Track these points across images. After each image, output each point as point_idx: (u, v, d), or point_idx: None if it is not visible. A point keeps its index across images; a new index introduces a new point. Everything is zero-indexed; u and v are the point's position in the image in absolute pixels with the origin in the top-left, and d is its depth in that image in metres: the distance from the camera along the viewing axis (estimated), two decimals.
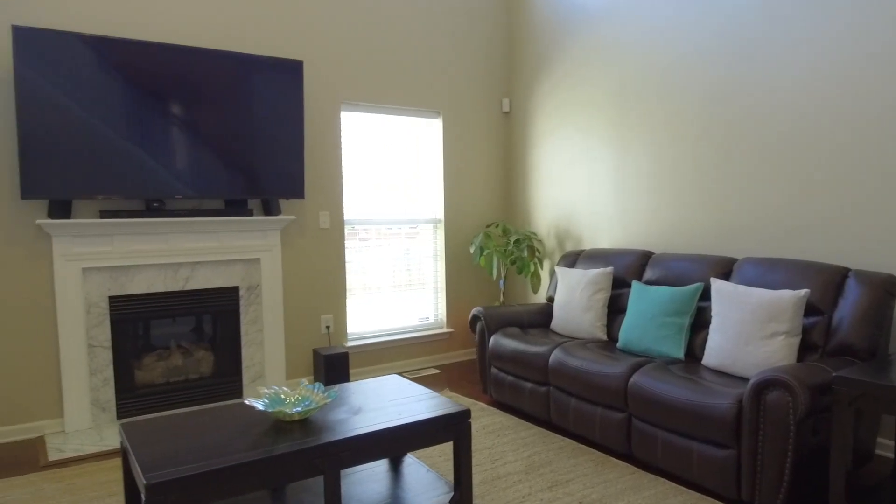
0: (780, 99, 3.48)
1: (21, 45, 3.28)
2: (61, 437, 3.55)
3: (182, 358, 4.12)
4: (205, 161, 3.87)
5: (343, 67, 4.59)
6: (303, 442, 2.17)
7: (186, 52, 3.77)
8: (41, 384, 3.61)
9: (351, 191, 4.74)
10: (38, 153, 3.37)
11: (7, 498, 2.82)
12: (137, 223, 3.73)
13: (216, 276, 4.11)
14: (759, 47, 3.56)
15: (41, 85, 3.36)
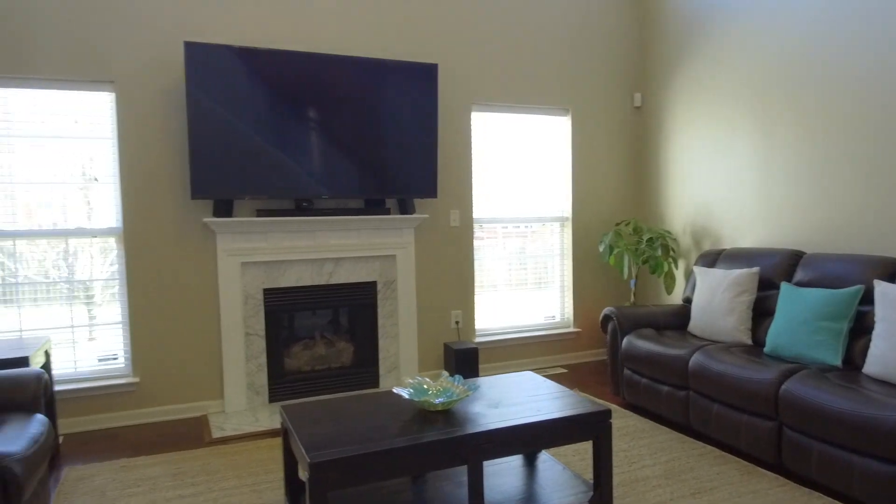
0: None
1: (191, 59, 3.65)
2: (222, 417, 3.91)
3: (325, 348, 4.39)
4: (346, 163, 4.10)
5: (474, 69, 4.68)
6: (448, 431, 2.26)
7: (330, 60, 4.01)
8: (205, 368, 4.00)
9: (480, 189, 4.83)
10: (205, 158, 3.73)
11: (181, 468, 3.15)
12: (289, 221, 4.02)
13: (356, 271, 4.34)
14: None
15: (207, 96, 3.71)
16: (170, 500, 2.80)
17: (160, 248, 3.86)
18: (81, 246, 3.76)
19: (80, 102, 3.69)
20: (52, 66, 3.57)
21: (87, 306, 3.79)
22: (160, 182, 3.83)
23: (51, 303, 3.72)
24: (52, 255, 3.71)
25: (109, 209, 3.80)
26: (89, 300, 3.80)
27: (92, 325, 3.80)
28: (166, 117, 3.82)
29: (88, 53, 3.64)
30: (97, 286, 3.81)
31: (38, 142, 3.62)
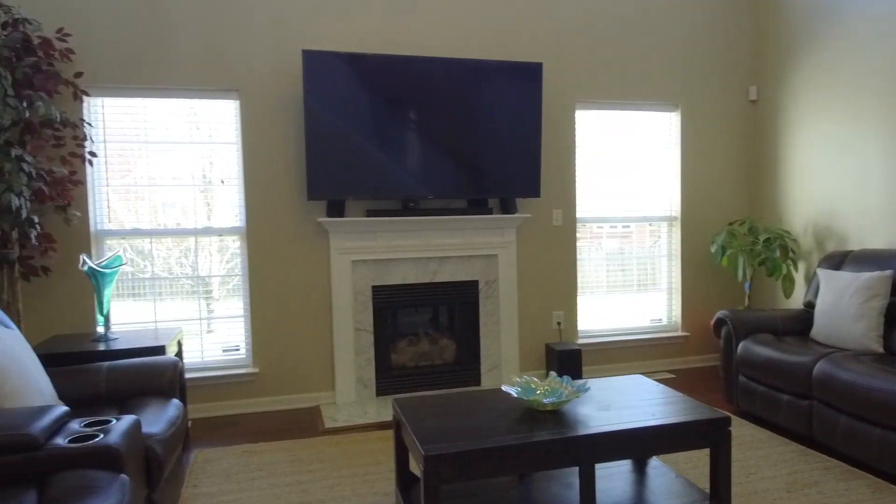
0: None
1: (309, 66, 3.84)
2: (333, 408, 4.08)
3: (429, 344, 4.49)
4: (450, 164, 4.17)
5: (578, 66, 4.62)
6: (560, 432, 2.25)
7: (436, 62, 4.09)
8: (318, 361, 4.19)
9: (583, 189, 4.76)
10: (320, 161, 3.91)
11: (298, 455, 3.32)
12: (395, 221, 4.14)
13: (459, 270, 4.40)
14: None
15: (322, 101, 3.89)
16: (289, 485, 2.96)
17: (278, 247, 4.08)
18: (207, 244, 4.04)
19: (208, 110, 3.98)
20: (184, 77, 3.86)
21: (208, 300, 4.08)
22: (279, 184, 4.05)
23: (180, 297, 4.03)
24: (176, 252, 4.02)
25: (234, 210, 4.06)
26: (210, 294, 4.08)
27: (216, 318, 4.08)
28: (284, 123, 4.04)
29: (216, 65, 3.91)
30: (220, 282, 4.08)
31: (171, 147, 3.93)
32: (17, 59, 3.14)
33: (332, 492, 2.88)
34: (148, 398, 2.78)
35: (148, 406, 2.69)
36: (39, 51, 3.27)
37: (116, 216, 3.89)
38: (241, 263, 4.08)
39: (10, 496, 1.87)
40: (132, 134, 3.86)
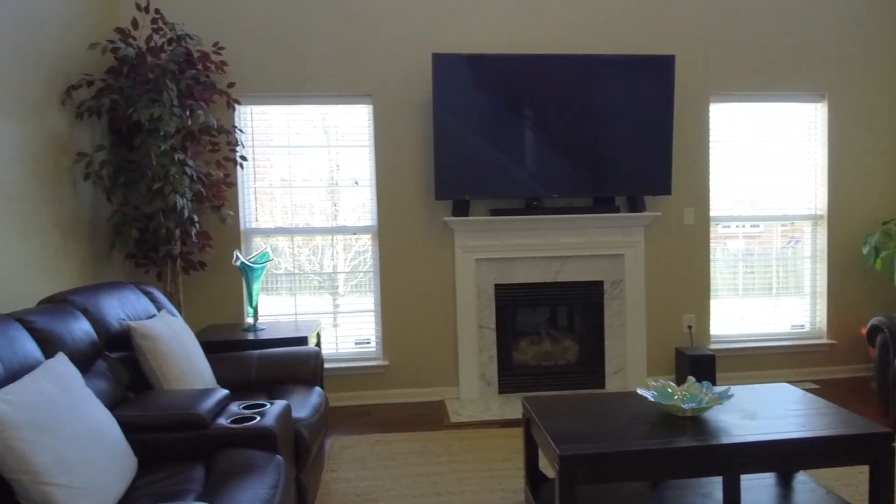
0: None
1: (438, 69, 3.93)
2: (457, 404, 4.16)
3: (551, 344, 4.46)
4: (576, 162, 4.12)
5: (713, 56, 4.40)
6: (702, 439, 2.17)
7: (562, 60, 4.06)
8: (443, 356, 4.29)
9: (717, 186, 4.53)
10: (448, 162, 4.00)
11: (426, 447, 3.42)
12: (519, 220, 4.15)
13: (583, 269, 4.33)
14: None
15: (450, 103, 3.97)
16: (420, 475, 3.06)
17: (406, 245, 4.22)
18: (334, 242, 4.26)
19: (343, 115, 4.18)
20: (322, 85, 4.09)
21: (334, 295, 4.29)
22: (408, 184, 4.19)
23: (308, 291, 4.27)
24: (305, 250, 4.26)
25: (367, 209, 4.25)
26: (336, 290, 4.29)
27: (346, 312, 4.29)
28: (413, 125, 4.17)
29: (352, 72, 4.10)
30: (347, 278, 4.29)
31: (309, 151, 4.18)
32: (180, 72, 3.46)
33: (461, 485, 2.94)
34: (293, 385, 2.98)
35: (293, 393, 2.88)
36: (199, 64, 3.58)
37: (261, 216, 4.19)
38: (372, 261, 4.26)
39: (183, 469, 2.07)
40: (275, 139, 4.14)
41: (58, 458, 1.65)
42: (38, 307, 2.26)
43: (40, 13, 2.98)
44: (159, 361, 2.47)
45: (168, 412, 2.14)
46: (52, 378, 1.82)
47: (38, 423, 1.64)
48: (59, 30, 3.14)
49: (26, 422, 1.62)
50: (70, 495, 1.64)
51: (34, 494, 1.58)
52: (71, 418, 1.77)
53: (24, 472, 1.58)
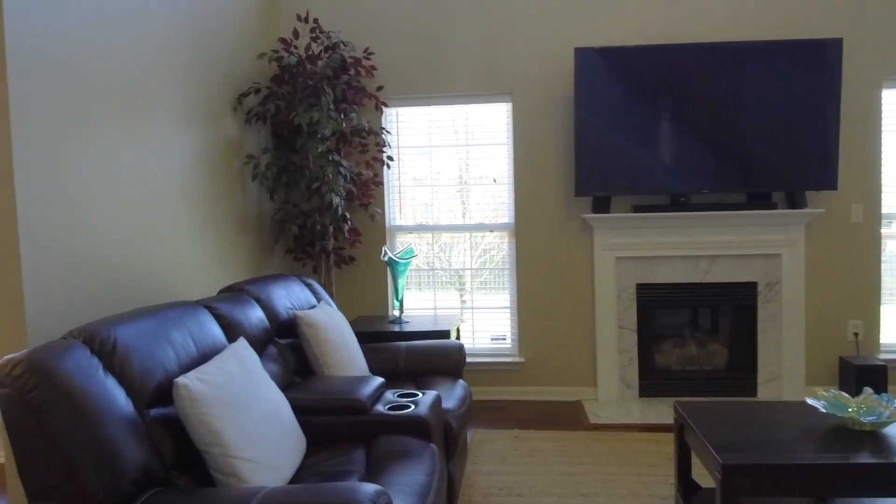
0: None
1: (580, 64, 3.88)
2: (595, 405, 4.09)
3: (696, 348, 4.25)
4: (728, 155, 3.89)
5: (885, 38, 3.98)
6: (884, 456, 1.98)
7: (711, 49, 3.84)
8: (580, 356, 4.23)
9: (891, 180, 4.09)
10: (588, 158, 3.93)
11: (566, 446, 3.40)
12: (664, 217, 3.99)
13: (734, 270, 4.09)
14: None
15: (592, 97, 3.90)
16: (561, 474, 3.04)
17: (544, 242, 4.20)
18: (463, 240, 4.32)
19: (482, 113, 4.24)
20: (464, 85, 4.17)
21: (461, 292, 4.35)
22: (546, 181, 4.17)
23: (446, 287, 4.36)
24: (434, 247, 4.35)
25: (504, 207, 4.28)
26: (463, 287, 4.35)
27: (482, 308, 4.35)
28: (552, 121, 4.14)
29: (492, 71, 4.15)
30: (478, 274, 4.34)
31: (449, 150, 4.28)
32: (335, 78, 3.67)
33: (607, 487, 2.89)
34: (438, 377, 3.07)
35: (439, 384, 2.97)
36: (351, 69, 3.78)
37: (405, 213, 4.35)
38: (509, 258, 4.29)
39: (345, 451, 2.20)
40: (417, 139, 4.28)
41: (243, 434, 1.81)
42: (219, 296, 2.49)
43: (215, 28, 3.28)
44: (321, 349, 2.65)
45: (333, 397, 2.29)
46: (236, 360, 2.00)
47: (227, 401, 1.82)
48: (230, 42, 3.45)
49: (218, 399, 1.80)
50: (253, 469, 1.80)
51: (223, 466, 1.75)
52: (253, 398, 1.94)
53: (215, 445, 1.75)
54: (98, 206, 2.33)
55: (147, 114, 2.65)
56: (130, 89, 2.54)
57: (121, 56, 2.48)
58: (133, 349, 1.78)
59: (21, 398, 1.51)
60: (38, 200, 2.05)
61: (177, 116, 2.88)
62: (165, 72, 2.79)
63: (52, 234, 2.10)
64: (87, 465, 1.51)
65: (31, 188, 2.01)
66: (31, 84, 2.03)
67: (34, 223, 2.02)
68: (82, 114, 2.26)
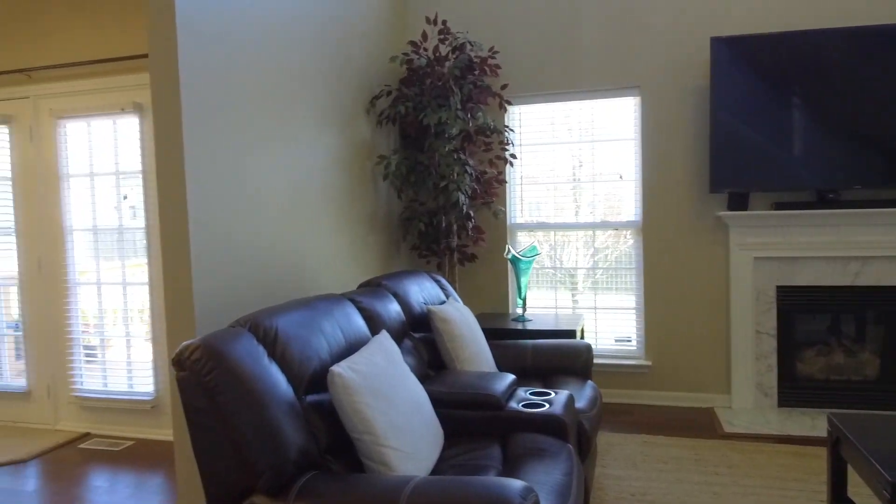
0: None
1: (717, 54, 3.69)
2: (729, 413, 3.87)
3: (844, 357, 3.92)
4: (877, 147, 3.55)
5: None
6: None
7: (865, 33, 3.52)
8: (712, 361, 4.02)
9: None
10: (725, 152, 3.73)
11: (700, 455, 3.24)
12: (809, 215, 3.71)
13: (891, 272, 3.73)
14: None
15: (729, 88, 3.69)
16: (698, 483, 2.91)
17: (673, 241, 4.04)
18: (582, 238, 4.22)
19: (606, 108, 4.14)
20: (589, 80, 4.09)
21: (573, 292, 4.25)
22: (676, 177, 4.00)
23: (557, 286, 4.29)
24: (546, 245, 4.28)
25: (630, 204, 4.16)
26: (575, 287, 4.25)
27: (606, 308, 4.24)
28: (684, 115, 3.97)
29: (619, 64, 4.04)
30: (593, 274, 4.23)
31: (572, 146, 4.21)
32: (462, 78, 3.72)
33: (747, 500, 2.73)
34: (566, 377, 3.03)
35: (567, 384, 2.93)
36: (477, 69, 3.82)
37: (525, 211, 4.33)
38: (635, 257, 4.16)
39: (481, 446, 2.22)
40: (539, 136, 4.24)
41: (391, 424, 1.87)
42: (360, 290, 2.60)
43: (350, 32, 3.42)
44: (454, 343, 2.69)
45: (469, 391, 2.32)
46: (381, 352, 2.07)
47: (376, 391, 1.89)
48: (363, 46, 3.58)
49: (368, 389, 1.87)
50: (400, 458, 1.85)
51: (374, 454, 1.82)
52: (398, 389, 2.00)
53: (366, 433, 1.82)
54: (250, 204, 2.49)
55: (293, 116, 2.80)
56: (280, 93, 2.70)
57: (274, 61, 2.64)
58: (292, 338, 1.88)
59: (198, 380, 1.64)
60: (203, 200, 2.22)
61: (317, 118, 3.03)
62: (308, 76, 2.94)
63: (215, 230, 2.27)
64: (255, 445, 1.62)
65: (197, 189, 2.19)
66: (199, 89, 2.20)
67: (200, 220, 2.20)
68: (239, 116, 2.43)
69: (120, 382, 3.80)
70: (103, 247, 3.76)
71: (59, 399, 3.93)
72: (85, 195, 3.78)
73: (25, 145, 3.88)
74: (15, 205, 3.92)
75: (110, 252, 3.76)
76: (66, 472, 3.31)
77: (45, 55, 3.79)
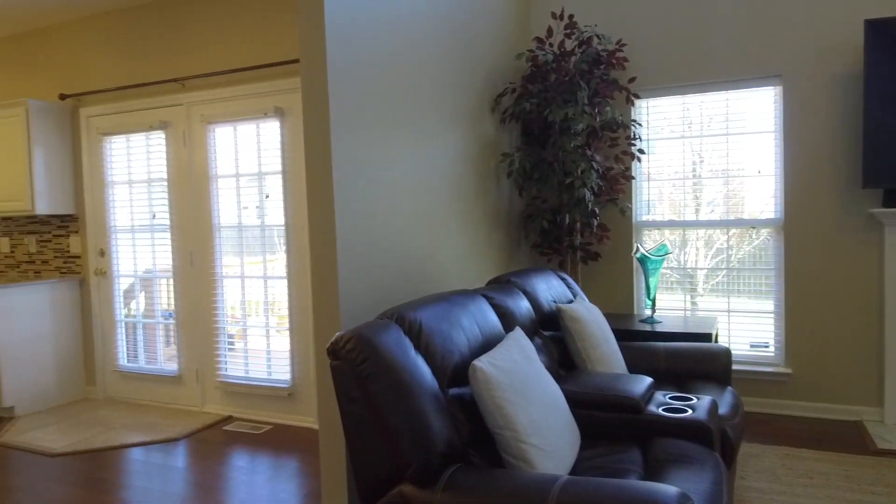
0: None
1: (871, 37, 3.38)
2: (881, 427, 3.54)
3: None
4: None
5: None
6: None
7: None
8: (861, 370, 3.70)
9: None
10: (880, 143, 3.41)
11: (851, 472, 2.99)
12: None
13: None
14: None
15: (885, 74, 3.38)
16: (852, 501, 2.68)
17: (819, 240, 3.75)
18: (702, 237, 3.99)
19: (742, 100, 3.91)
20: (724, 70, 3.88)
21: (692, 293, 4.02)
22: (823, 172, 3.71)
23: (673, 287, 4.09)
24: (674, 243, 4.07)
25: (768, 201, 3.90)
26: (694, 288, 4.01)
27: (741, 311, 4.00)
28: (831, 105, 3.67)
29: (759, 51, 3.80)
30: (714, 276, 3.98)
31: (703, 140, 4.01)
32: (589, 73, 3.65)
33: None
34: (703, 382, 2.89)
35: (705, 390, 2.79)
36: (605, 62, 3.73)
37: (652, 208, 4.18)
38: (775, 257, 3.89)
39: (619, 449, 2.17)
40: (667, 131, 4.08)
41: (531, 420, 1.87)
42: (489, 286, 2.61)
43: (476, 32, 3.45)
44: (584, 343, 2.65)
45: (606, 392, 2.27)
46: (518, 348, 2.08)
47: (516, 387, 1.89)
48: (488, 46, 3.60)
49: (509, 384, 1.87)
50: (540, 456, 1.85)
51: (515, 450, 1.82)
52: (535, 386, 1.99)
53: (508, 429, 1.82)
54: (387, 202, 2.57)
55: (425, 116, 2.87)
56: (414, 93, 2.77)
57: (408, 62, 2.72)
58: (435, 331, 1.93)
59: (352, 370, 1.72)
60: (346, 198, 2.32)
61: (447, 117, 3.08)
62: (439, 76, 3.00)
63: (356, 227, 2.37)
64: (405, 434, 1.67)
65: (341, 188, 2.29)
66: (343, 92, 2.30)
67: (344, 218, 2.30)
68: (377, 117, 2.51)
69: (260, 370, 4.05)
70: (247, 242, 4.03)
71: (205, 383, 4.26)
72: (230, 194, 4.06)
73: (179, 149, 4.23)
74: (170, 204, 4.28)
75: (252, 247, 4.02)
76: (212, 451, 3.58)
77: (197, 65, 4.11)
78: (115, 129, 4.41)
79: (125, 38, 4.36)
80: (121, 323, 4.57)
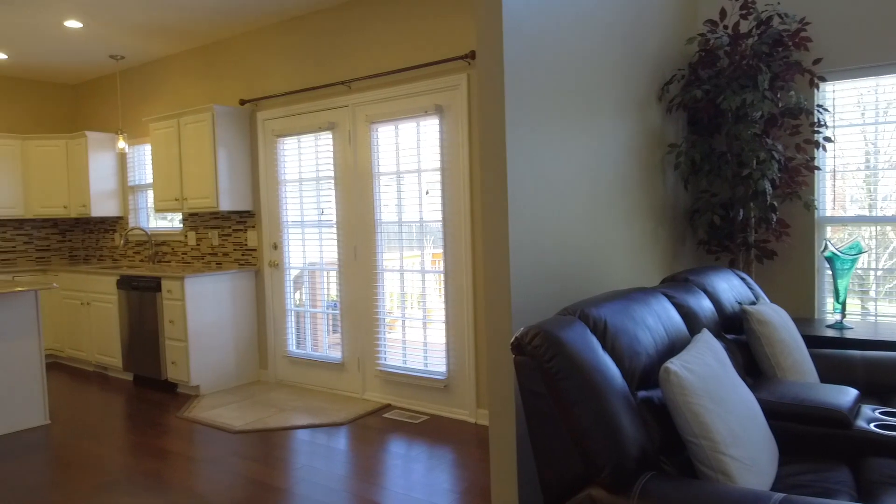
0: None
1: None
2: None
3: None
4: None
5: None
6: None
7: None
8: None
9: None
10: None
11: None
12: None
13: None
14: None
15: None
16: None
17: None
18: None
19: None
20: None
21: (863, 298, 3.52)
22: None
23: (867, 290, 3.62)
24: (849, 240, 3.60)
25: None
26: (864, 291, 3.51)
27: None
28: None
29: None
30: (891, 278, 3.48)
31: None
32: (768, 55, 3.35)
33: None
34: None
35: None
36: (789, 42, 3.41)
37: (838, 202, 3.77)
38: None
39: (824, 467, 1.96)
40: (859, 116, 3.65)
41: (729, 430, 1.74)
42: (667, 284, 2.48)
43: (642, 18, 3.28)
44: (774, 348, 2.43)
45: (807, 404, 2.07)
46: (710, 352, 1.94)
47: (712, 394, 1.77)
48: (654, 30, 3.42)
49: (704, 390, 1.75)
50: (740, 469, 1.71)
51: (712, 461, 1.70)
52: (731, 393, 1.85)
53: (704, 438, 1.71)
54: (555, 196, 2.52)
55: (592, 108, 2.78)
56: (582, 85, 2.69)
57: (577, 54, 2.64)
58: (620, 331, 1.85)
59: (539, 366, 1.68)
60: (518, 193, 2.30)
61: (613, 108, 2.96)
62: (606, 66, 2.89)
63: (527, 222, 2.34)
64: (595, 436, 1.61)
65: (514, 183, 2.26)
66: (517, 87, 2.28)
67: (515, 210, 2.27)
68: (546, 111, 2.46)
69: (416, 360, 4.16)
70: (406, 237, 4.16)
71: (366, 371, 4.45)
72: (391, 191, 4.20)
73: (345, 148, 4.45)
74: (336, 200, 4.52)
75: (411, 242, 4.14)
76: (373, 437, 3.73)
77: (361, 67, 4.30)
78: (288, 131, 4.73)
79: (298, 44, 4.65)
80: (290, 312, 4.90)
